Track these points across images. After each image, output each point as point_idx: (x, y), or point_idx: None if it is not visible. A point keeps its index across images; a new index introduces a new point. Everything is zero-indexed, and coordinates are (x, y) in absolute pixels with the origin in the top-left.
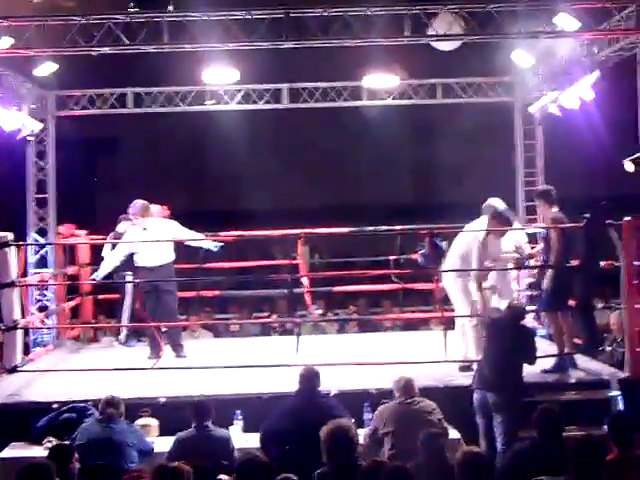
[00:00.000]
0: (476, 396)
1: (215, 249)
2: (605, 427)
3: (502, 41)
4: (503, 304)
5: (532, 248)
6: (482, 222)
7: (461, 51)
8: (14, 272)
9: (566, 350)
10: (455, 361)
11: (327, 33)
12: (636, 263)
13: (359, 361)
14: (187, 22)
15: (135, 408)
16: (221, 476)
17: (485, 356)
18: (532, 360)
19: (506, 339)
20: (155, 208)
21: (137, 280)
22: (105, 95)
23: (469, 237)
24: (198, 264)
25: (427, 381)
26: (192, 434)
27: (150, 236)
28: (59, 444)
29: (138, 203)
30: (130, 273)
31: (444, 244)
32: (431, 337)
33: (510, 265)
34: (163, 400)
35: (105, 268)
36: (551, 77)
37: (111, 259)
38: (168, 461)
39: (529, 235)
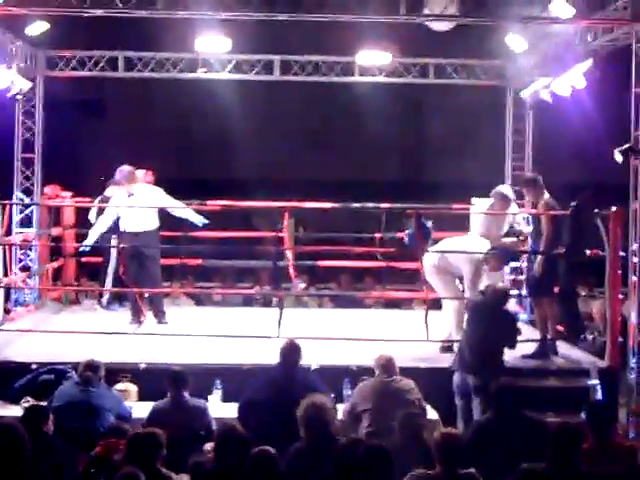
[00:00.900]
0: (456, 378)
1: (200, 224)
2: (583, 415)
3: (497, 24)
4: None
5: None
6: (487, 203)
7: (455, 32)
8: None
9: (549, 336)
10: (437, 341)
11: (322, 8)
12: (621, 253)
13: (340, 337)
14: None
15: (114, 373)
16: (207, 445)
17: (466, 338)
18: (512, 344)
19: (487, 322)
20: (139, 173)
21: (122, 245)
22: (96, 57)
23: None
24: (182, 232)
25: (408, 361)
26: (168, 404)
27: (136, 202)
28: (35, 405)
29: (125, 169)
30: (115, 237)
31: (430, 224)
32: (413, 316)
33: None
34: (143, 366)
35: (93, 235)
36: (544, 63)
37: (99, 225)
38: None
39: None
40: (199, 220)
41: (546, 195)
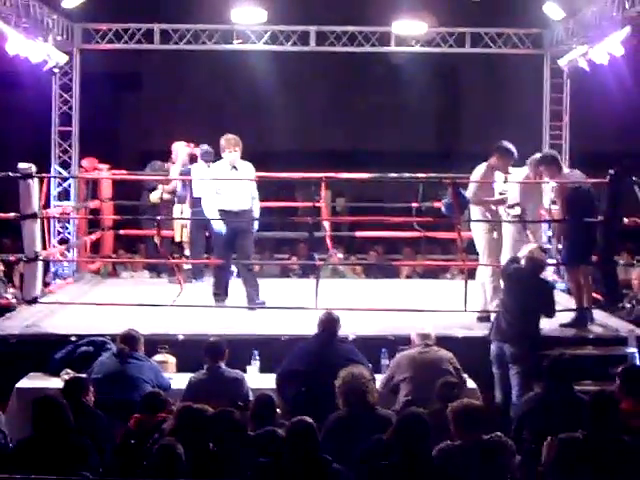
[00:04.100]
0: (493, 347)
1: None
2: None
3: None
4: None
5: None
6: (523, 172)
7: (492, 1)
8: (36, 204)
9: (585, 305)
10: (473, 311)
11: None
12: None
13: (378, 307)
14: None
15: (153, 344)
16: None
17: (503, 307)
18: (550, 313)
19: (525, 291)
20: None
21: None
22: (132, 30)
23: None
24: None
25: (444, 329)
26: (205, 375)
27: (239, 176)
28: (75, 377)
29: (230, 135)
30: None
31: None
32: (450, 286)
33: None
34: (181, 337)
35: (212, 212)
36: (581, 31)
37: (210, 202)
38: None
39: None
40: (255, 224)
41: (565, 170)
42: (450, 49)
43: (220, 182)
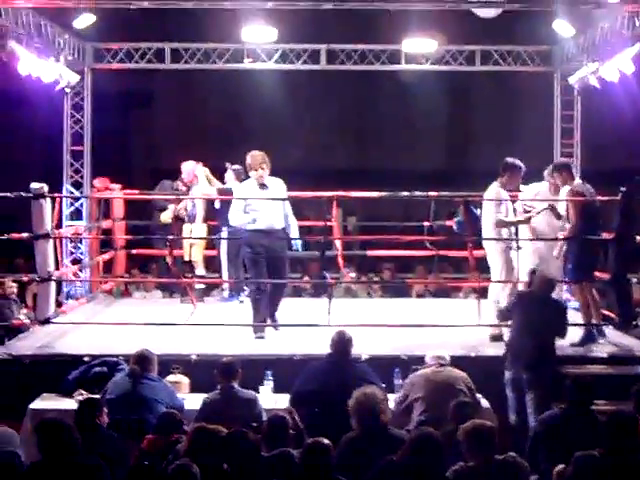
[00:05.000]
0: (507, 374)
1: (296, 247)
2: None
3: (543, 10)
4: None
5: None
6: (536, 188)
7: (502, 18)
8: (49, 224)
9: (594, 322)
10: (486, 325)
11: None
12: None
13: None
14: None
15: (166, 364)
16: None
17: (515, 330)
18: (563, 333)
19: (537, 312)
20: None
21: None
22: (143, 49)
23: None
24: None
25: (458, 350)
26: (218, 396)
27: (269, 195)
28: (88, 397)
29: (255, 153)
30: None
31: (479, 212)
32: (462, 305)
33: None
34: (194, 357)
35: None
36: (591, 48)
37: (237, 220)
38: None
39: None
40: (298, 242)
41: (576, 181)
42: (460, 67)
43: (248, 201)
